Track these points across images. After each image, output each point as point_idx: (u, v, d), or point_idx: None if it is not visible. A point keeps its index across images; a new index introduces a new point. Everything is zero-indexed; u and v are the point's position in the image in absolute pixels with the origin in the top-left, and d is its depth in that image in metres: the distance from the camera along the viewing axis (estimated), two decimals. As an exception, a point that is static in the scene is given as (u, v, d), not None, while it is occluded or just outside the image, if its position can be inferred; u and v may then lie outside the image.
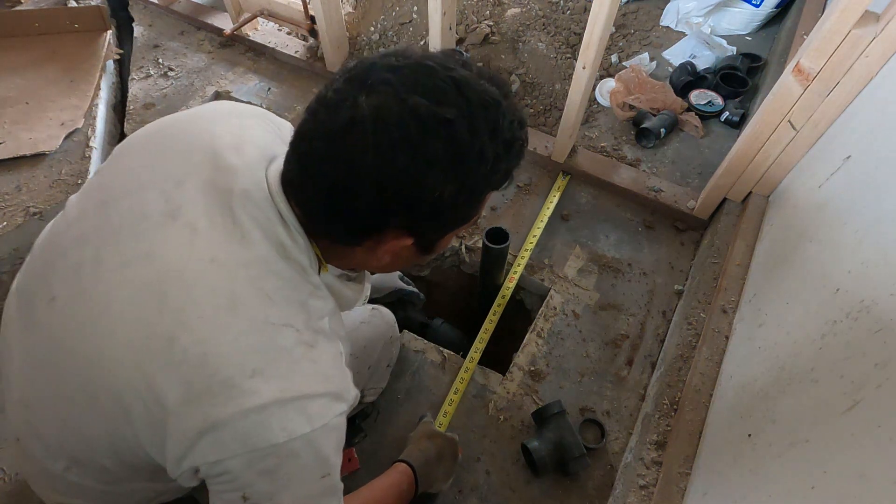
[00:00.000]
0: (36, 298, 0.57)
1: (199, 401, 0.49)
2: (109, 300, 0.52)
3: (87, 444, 0.57)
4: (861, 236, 0.76)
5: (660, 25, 2.11)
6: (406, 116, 0.48)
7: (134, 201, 0.56)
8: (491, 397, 1.15)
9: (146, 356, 0.50)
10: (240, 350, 0.50)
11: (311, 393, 0.52)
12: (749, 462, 0.73)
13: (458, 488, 1.03)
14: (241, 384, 0.49)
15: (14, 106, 1.47)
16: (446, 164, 0.49)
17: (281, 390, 0.50)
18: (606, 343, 1.24)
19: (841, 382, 0.62)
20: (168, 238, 0.53)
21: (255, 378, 0.50)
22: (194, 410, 0.49)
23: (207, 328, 0.50)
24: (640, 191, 1.47)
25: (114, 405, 0.52)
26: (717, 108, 1.73)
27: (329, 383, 0.54)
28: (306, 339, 0.54)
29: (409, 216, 0.53)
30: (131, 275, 0.52)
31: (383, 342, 1.01)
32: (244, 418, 0.49)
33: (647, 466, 0.94)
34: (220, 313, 0.51)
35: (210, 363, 0.49)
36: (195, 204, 0.54)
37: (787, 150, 1.16)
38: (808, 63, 1.02)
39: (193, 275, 0.51)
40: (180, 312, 0.50)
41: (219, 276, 0.52)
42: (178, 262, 0.52)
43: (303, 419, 0.51)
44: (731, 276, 1.15)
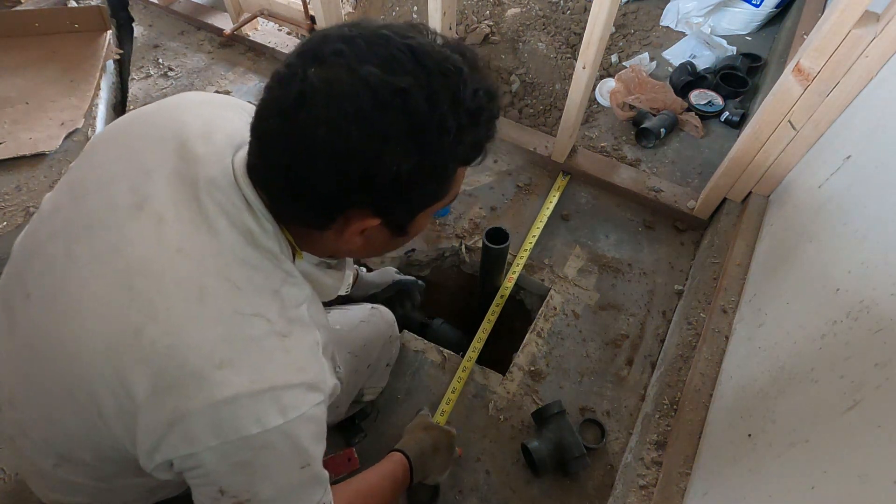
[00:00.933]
0: (14, 298, 0.57)
1: (169, 392, 0.49)
2: (80, 295, 0.52)
3: (70, 440, 0.57)
4: (861, 236, 0.76)
5: (660, 25, 2.11)
6: (358, 87, 0.45)
7: (104, 194, 0.55)
8: (491, 397, 1.15)
9: (115, 349, 0.50)
10: (208, 341, 0.50)
11: (285, 384, 0.51)
12: (749, 462, 0.73)
13: (458, 488, 1.03)
14: (210, 375, 0.48)
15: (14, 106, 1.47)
16: (403, 137, 0.46)
17: (252, 381, 0.50)
18: (606, 343, 1.24)
19: (841, 382, 0.62)
20: (135, 230, 0.52)
21: (224, 369, 0.49)
22: (164, 402, 0.49)
23: (175, 320, 0.49)
24: (640, 191, 1.47)
25: (87, 399, 0.51)
26: (717, 108, 1.73)
27: (303, 373, 0.53)
28: (279, 328, 0.53)
29: (370, 195, 0.50)
30: (100, 268, 0.52)
31: (383, 341, 1.01)
32: (214, 410, 0.48)
33: (647, 466, 0.94)
34: (188, 304, 0.50)
35: (178, 354, 0.49)
36: (162, 194, 0.53)
37: (787, 150, 1.16)
38: (808, 63, 1.02)
39: (160, 266, 0.51)
40: (148, 305, 0.50)
41: (186, 267, 0.51)
42: (145, 254, 0.51)
43: (276, 410, 0.50)
44: (731, 276, 1.15)
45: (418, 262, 1.44)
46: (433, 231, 1.42)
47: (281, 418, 0.50)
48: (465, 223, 1.45)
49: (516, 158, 1.61)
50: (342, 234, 0.55)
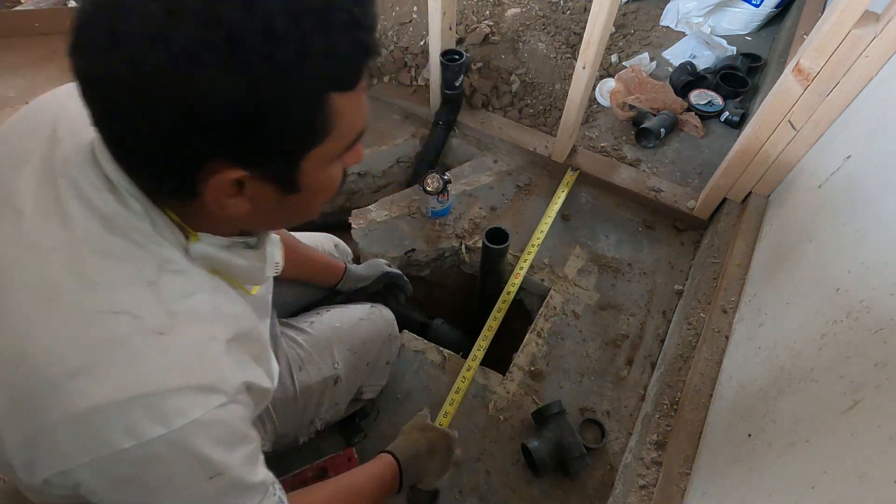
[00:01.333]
0: None
1: (25, 406, 0.44)
2: None
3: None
4: (861, 236, 0.76)
5: (660, 25, 2.11)
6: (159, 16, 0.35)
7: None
8: (491, 397, 1.15)
9: None
10: (57, 346, 0.44)
11: (160, 388, 0.44)
12: (749, 462, 0.73)
13: (458, 488, 1.03)
14: (63, 384, 0.43)
15: (14, 106, 1.47)
16: (219, 53, 0.36)
17: (115, 389, 0.43)
18: (606, 343, 1.24)
19: (841, 382, 0.62)
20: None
21: (78, 377, 0.43)
22: (21, 416, 0.44)
23: (21, 326, 0.44)
24: (640, 191, 1.47)
25: None
26: (717, 108, 1.73)
27: (189, 375, 0.46)
28: (153, 325, 0.46)
29: (216, 139, 0.40)
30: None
31: (382, 339, 1.01)
32: (74, 424, 0.43)
33: (647, 466, 0.94)
34: (35, 307, 0.44)
35: (27, 363, 0.43)
36: (25, 187, 0.48)
37: (787, 150, 1.16)
38: (808, 63, 1.02)
39: (11, 267, 0.46)
40: None
41: (34, 265, 0.45)
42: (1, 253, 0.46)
43: (152, 420, 0.44)
44: (731, 276, 1.15)
45: (418, 262, 1.44)
46: (433, 231, 1.42)
47: (162, 428, 0.44)
48: (465, 223, 1.45)
49: (516, 158, 1.61)
50: (223, 202, 0.46)
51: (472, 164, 1.61)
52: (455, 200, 1.49)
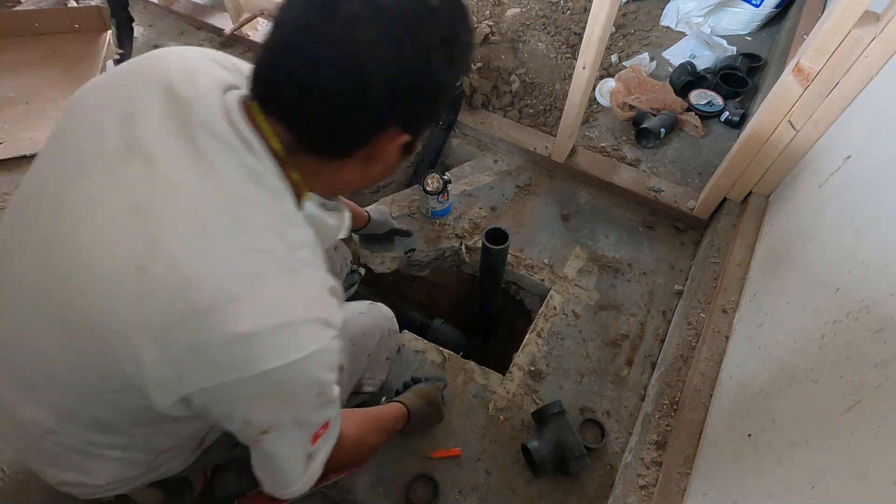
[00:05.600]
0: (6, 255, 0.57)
1: (181, 328, 0.48)
2: (78, 239, 0.51)
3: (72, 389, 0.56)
4: (861, 236, 0.76)
5: (660, 25, 2.11)
6: (402, 4, 0.49)
7: (89, 142, 0.55)
8: (491, 397, 1.15)
9: (121, 288, 0.49)
10: (218, 275, 0.49)
11: (298, 319, 0.52)
12: (749, 462, 0.73)
13: (458, 488, 1.03)
14: (224, 310, 0.48)
15: (14, 106, 1.47)
16: (441, 49, 0.51)
17: (267, 316, 0.50)
18: (606, 343, 1.24)
19: (841, 382, 0.62)
20: (128, 171, 0.52)
21: (237, 304, 0.49)
22: (177, 338, 0.49)
23: (180, 256, 0.49)
24: (640, 191, 1.47)
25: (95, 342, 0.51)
26: (717, 108, 1.73)
27: (315, 309, 0.54)
28: (286, 266, 0.53)
29: (410, 109, 0.54)
30: (94, 211, 0.51)
31: (381, 333, 1.02)
32: (232, 345, 0.49)
33: (647, 466, 0.94)
34: (191, 239, 0.50)
35: (190, 289, 0.48)
36: (151, 135, 0.53)
37: (787, 150, 1.16)
38: (808, 63, 1.02)
39: (157, 204, 0.50)
40: (149, 242, 0.49)
41: (185, 203, 0.51)
42: (140, 192, 0.51)
43: (293, 346, 0.51)
44: (731, 276, 1.15)
45: (418, 262, 1.44)
46: (433, 231, 1.42)
47: (298, 353, 0.51)
48: (465, 223, 1.45)
49: (516, 158, 1.61)
50: (367, 162, 0.57)
51: (472, 164, 1.61)
52: (455, 200, 1.49)
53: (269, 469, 0.60)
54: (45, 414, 0.58)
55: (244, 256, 0.51)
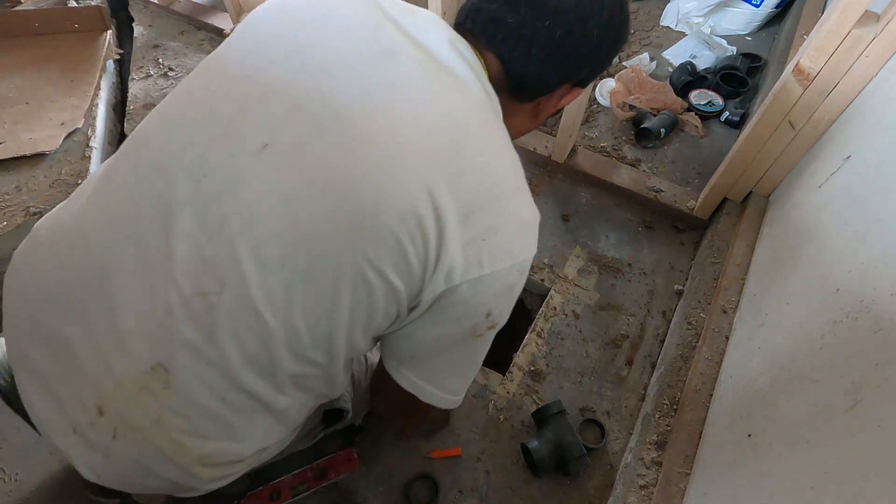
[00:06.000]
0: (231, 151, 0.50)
1: (484, 210, 0.51)
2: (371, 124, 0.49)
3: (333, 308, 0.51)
4: (861, 236, 0.75)
5: (660, 25, 2.11)
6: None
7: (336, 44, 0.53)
8: (491, 397, 1.15)
9: (435, 163, 0.50)
10: (507, 166, 0.54)
11: (538, 216, 0.57)
12: (749, 462, 0.73)
13: (458, 488, 1.03)
14: (514, 196, 0.54)
15: (14, 106, 1.47)
16: (626, 25, 0.62)
17: (531, 209, 0.56)
18: (606, 343, 1.24)
19: (841, 382, 0.62)
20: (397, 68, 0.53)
21: (521, 194, 0.55)
22: (480, 219, 0.51)
23: (480, 141, 0.53)
24: (640, 191, 1.47)
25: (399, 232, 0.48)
26: (717, 108, 1.73)
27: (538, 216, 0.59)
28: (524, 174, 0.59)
29: (592, 70, 0.63)
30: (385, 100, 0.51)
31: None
32: (518, 231, 0.54)
33: (647, 466, 0.94)
34: (486, 130, 0.54)
35: (492, 173, 0.52)
36: (404, 45, 0.54)
37: (787, 150, 1.16)
38: (808, 63, 1.02)
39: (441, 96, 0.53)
40: (453, 122, 0.52)
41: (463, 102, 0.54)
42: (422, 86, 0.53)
43: (535, 238, 0.56)
44: (731, 276, 1.15)
45: None
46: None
47: (535, 248, 0.57)
48: (465, 223, 1.44)
49: (516, 158, 1.61)
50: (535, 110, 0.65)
51: (472, 164, 1.61)
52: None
53: (454, 371, 0.63)
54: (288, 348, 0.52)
55: (513, 154, 0.56)
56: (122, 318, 0.51)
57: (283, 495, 0.97)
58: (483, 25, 0.58)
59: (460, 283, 0.51)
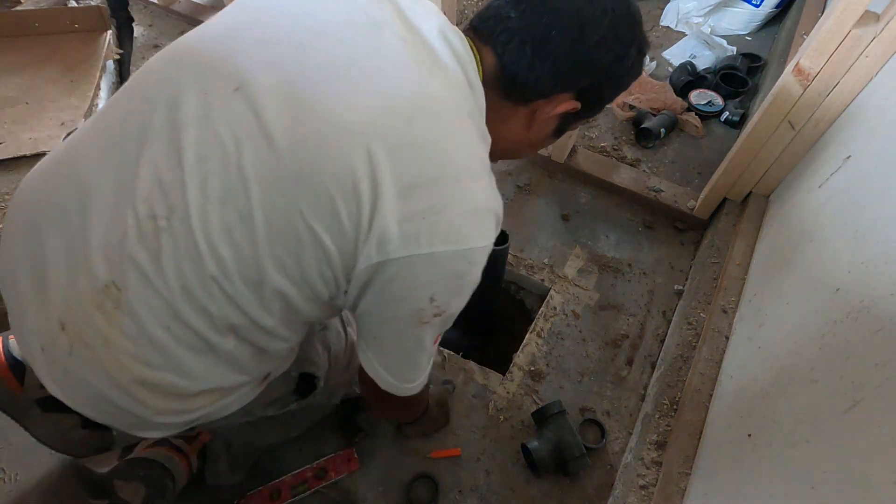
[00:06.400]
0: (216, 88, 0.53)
1: (428, 187, 0.50)
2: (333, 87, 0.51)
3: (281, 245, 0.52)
4: (861, 236, 0.75)
5: (660, 25, 2.11)
6: (631, 3, 0.59)
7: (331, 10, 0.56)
8: (491, 397, 1.15)
9: (384, 127, 0.50)
10: (464, 150, 0.53)
11: (497, 209, 0.56)
12: (749, 462, 0.73)
13: (458, 488, 1.03)
14: (464, 180, 0.52)
15: (14, 106, 1.47)
16: (638, 47, 0.60)
17: (486, 198, 0.54)
18: (606, 343, 1.24)
19: (841, 382, 0.62)
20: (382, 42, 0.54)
21: (475, 180, 0.53)
22: (420, 195, 0.50)
23: (440, 121, 0.52)
24: (640, 191, 1.47)
25: (333, 191, 0.49)
26: (717, 108, 1.73)
27: (501, 207, 0.57)
28: (488, 164, 0.57)
29: (593, 82, 0.60)
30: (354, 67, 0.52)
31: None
32: (466, 215, 0.52)
33: (647, 466, 0.94)
34: (449, 113, 0.53)
35: (442, 152, 0.51)
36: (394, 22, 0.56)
37: (787, 150, 1.16)
38: (808, 63, 1.02)
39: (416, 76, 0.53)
40: (413, 99, 0.52)
41: (438, 84, 0.54)
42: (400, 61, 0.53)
43: (490, 233, 0.55)
44: (731, 276, 1.15)
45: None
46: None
47: (490, 239, 0.55)
48: (465, 223, 1.44)
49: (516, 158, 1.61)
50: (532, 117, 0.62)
51: (472, 164, 1.61)
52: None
53: (404, 360, 0.62)
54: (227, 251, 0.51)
55: (478, 143, 0.56)
56: (92, 234, 0.53)
57: (283, 495, 0.97)
58: (486, 21, 0.60)
59: (397, 258, 0.51)
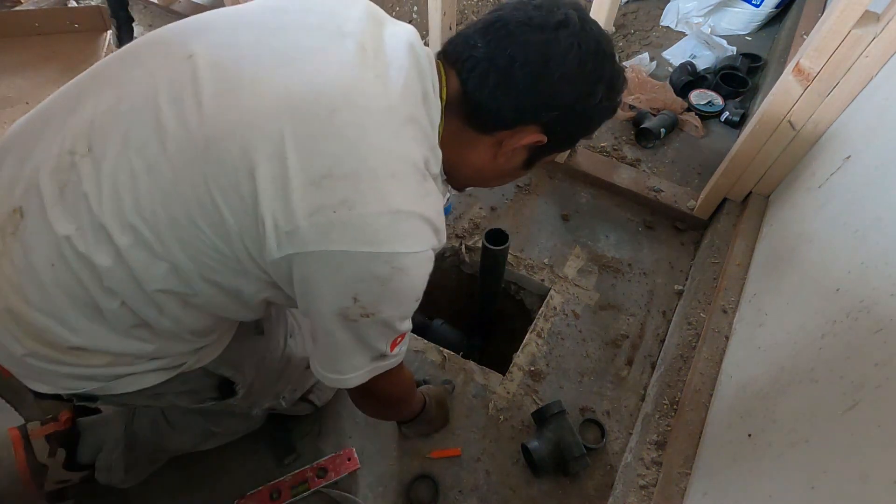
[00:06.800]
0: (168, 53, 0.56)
1: (343, 181, 0.50)
2: (268, 74, 0.53)
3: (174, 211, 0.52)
4: (861, 236, 0.76)
5: (660, 25, 2.11)
6: (599, 36, 0.60)
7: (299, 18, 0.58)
8: (491, 397, 1.15)
9: (304, 114, 0.51)
10: (386, 149, 0.53)
11: (429, 216, 0.55)
12: (749, 462, 0.73)
13: (458, 488, 1.03)
14: (384, 181, 0.52)
15: (14, 106, 1.47)
16: (608, 84, 0.61)
17: (413, 202, 0.53)
18: (606, 343, 1.24)
19: (841, 382, 0.62)
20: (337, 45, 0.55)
21: (396, 180, 0.52)
22: (334, 189, 0.50)
23: (364, 117, 0.52)
24: (640, 191, 1.47)
25: (237, 160, 0.50)
26: (717, 108, 1.73)
27: (438, 219, 0.57)
28: (425, 174, 0.57)
29: (559, 117, 0.60)
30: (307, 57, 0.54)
31: None
32: (380, 216, 0.51)
33: (647, 466, 0.94)
34: (376, 112, 0.53)
35: (363, 146, 0.51)
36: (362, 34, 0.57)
37: (787, 150, 1.16)
38: (808, 63, 1.02)
39: (357, 75, 0.54)
40: (344, 94, 0.52)
41: (377, 86, 0.54)
42: (345, 62, 0.54)
43: (420, 239, 0.54)
44: (731, 276, 1.15)
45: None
46: (433, 231, 1.42)
47: (420, 246, 0.54)
48: (465, 223, 1.45)
49: (516, 158, 1.61)
50: (498, 148, 0.63)
51: (472, 164, 1.61)
52: (455, 200, 1.49)
53: (332, 353, 0.61)
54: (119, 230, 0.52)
55: (407, 146, 0.55)
56: (29, 160, 0.56)
57: (283, 495, 0.97)
58: (456, 46, 0.61)
59: (311, 252, 0.51)
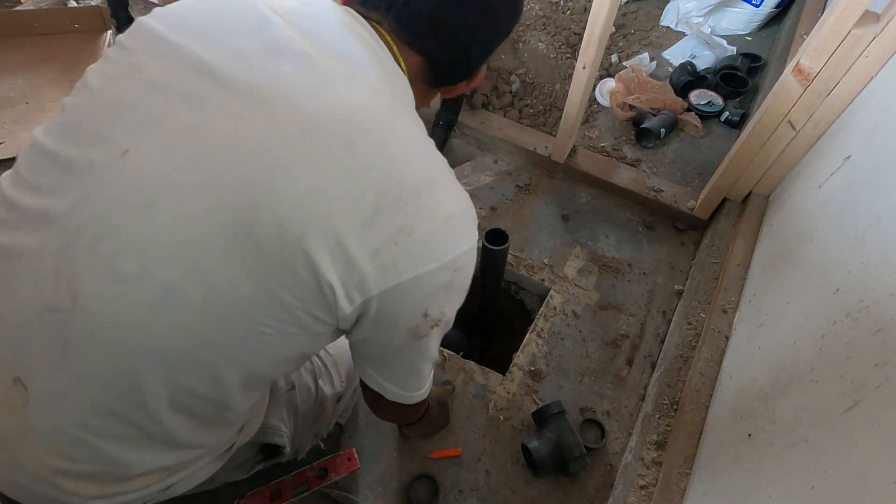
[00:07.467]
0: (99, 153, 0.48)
1: (392, 210, 0.46)
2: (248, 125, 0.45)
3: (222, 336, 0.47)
4: (861, 236, 0.76)
5: (660, 25, 2.11)
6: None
7: (216, 47, 0.49)
8: (491, 397, 1.15)
9: (325, 168, 0.44)
10: (416, 157, 0.49)
11: (468, 205, 0.53)
12: (749, 462, 0.73)
13: (458, 488, 1.03)
14: (427, 190, 0.48)
15: (14, 106, 1.48)
16: (511, 11, 0.60)
17: (455, 200, 0.51)
18: (606, 343, 1.24)
19: (841, 382, 0.62)
20: (285, 64, 0.48)
21: (437, 186, 0.49)
22: (389, 220, 0.46)
23: (380, 132, 0.48)
24: (640, 191, 1.47)
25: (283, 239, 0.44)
26: (717, 108, 1.73)
27: (468, 198, 0.54)
28: (442, 157, 0.54)
29: (491, 48, 0.61)
30: (266, 98, 0.46)
31: None
32: (439, 226, 0.48)
33: (647, 466, 0.94)
34: (387, 121, 0.49)
35: (394, 168, 0.47)
36: (291, 39, 0.49)
37: (787, 150, 1.16)
38: (808, 63, 1.02)
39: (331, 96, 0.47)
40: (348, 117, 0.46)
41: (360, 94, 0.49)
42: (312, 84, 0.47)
43: (470, 233, 0.52)
44: (731, 276, 1.15)
45: None
46: (433, 231, 1.42)
47: (472, 239, 0.52)
48: (465, 223, 1.44)
49: (516, 158, 1.61)
50: (460, 85, 0.63)
51: (472, 164, 1.61)
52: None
53: (409, 371, 0.60)
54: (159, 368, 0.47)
55: (425, 142, 0.52)
56: None
57: (283, 495, 0.97)
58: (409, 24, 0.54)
59: (381, 292, 0.47)
